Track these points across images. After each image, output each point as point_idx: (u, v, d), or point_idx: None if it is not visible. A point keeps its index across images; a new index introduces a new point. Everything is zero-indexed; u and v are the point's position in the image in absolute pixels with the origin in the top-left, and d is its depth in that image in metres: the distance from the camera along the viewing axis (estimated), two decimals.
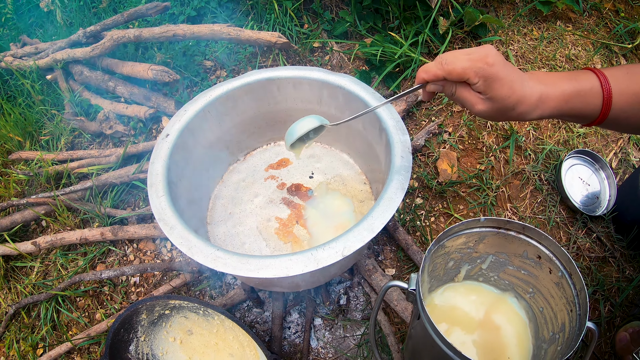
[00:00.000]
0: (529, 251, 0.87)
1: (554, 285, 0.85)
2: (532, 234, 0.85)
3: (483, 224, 0.87)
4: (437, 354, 0.74)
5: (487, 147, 1.45)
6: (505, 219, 0.85)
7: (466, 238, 0.89)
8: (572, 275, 0.79)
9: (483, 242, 0.91)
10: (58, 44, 1.69)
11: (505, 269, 0.96)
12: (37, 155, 1.58)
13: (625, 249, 1.37)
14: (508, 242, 0.89)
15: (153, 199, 0.98)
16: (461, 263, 0.98)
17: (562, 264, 0.81)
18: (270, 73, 1.23)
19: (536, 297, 0.92)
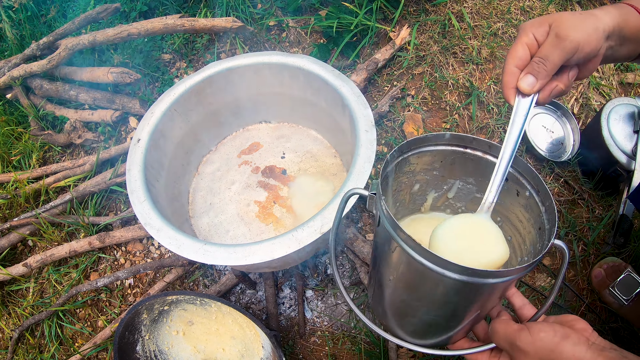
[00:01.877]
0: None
1: (522, 209, 0.84)
2: (496, 152, 0.80)
3: (448, 141, 0.84)
4: (401, 263, 0.72)
5: (451, 106, 1.55)
6: (471, 136, 0.83)
7: (431, 157, 0.87)
8: (539, 191, 0.77)
9: (450, 164, 0.88)
10: (13, 60, 1.72)
11: (473, 197, 0.93)
12: (12, 176, 1.64)
13: (592, 190, 1.50)
14: (474, 164, 0.86)
15: (136, 205, 1.07)
16: (427, 189, 0.95)
17: (529, 181, 0.79)
18: (229, 63, 1.31)
19: (505, 226, 0.90)
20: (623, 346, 0.76)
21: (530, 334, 0.69)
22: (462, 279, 0.65)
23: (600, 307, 1.36)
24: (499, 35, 1.66)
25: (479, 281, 0.66)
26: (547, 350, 0.67)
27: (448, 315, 0.78)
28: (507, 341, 0.72)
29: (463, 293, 0.70)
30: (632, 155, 1.40)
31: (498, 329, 0.74)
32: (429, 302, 0.76)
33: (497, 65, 1.61)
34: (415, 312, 0.81)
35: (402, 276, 0.76)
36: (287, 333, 1.36)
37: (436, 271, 0.66)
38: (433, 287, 0.71)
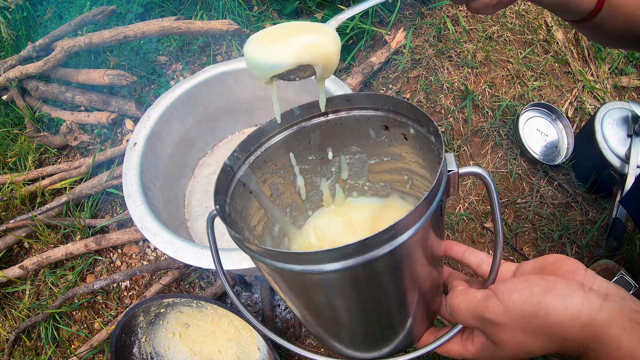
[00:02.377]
0: (373, 127, 0.73)
1: (415, 151, 0.72)
2: (362, 103, 0.70)
3: (303, 115, 0.73)
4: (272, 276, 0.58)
5: (445, 109, 1.57)
6: (313, 101, 0.71)
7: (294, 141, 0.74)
8: (419, 121, 0.65)
9: (321, 142, 0.76)
10: (8, 61, 1.74)
11: (369, 167, 0.81)
12: (8, 178, 1.66)
13: (586, 193, 1.52)
14: (346, 129, 0.74)
15: (133, 210, 1.09)
16: (315, 179, 0.82)
17: (407, 116, 0.68)
18: (225, 67, 1.33)
19: (415, 181, 0.78)
20: None
21: (499, 300, 0.52)
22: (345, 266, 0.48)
23: None
24: (494, 39, 1.68)
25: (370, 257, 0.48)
26: (529, 316, 0.50)
27: (382, 317, 0.62)
28: (474, 317, 0.55)
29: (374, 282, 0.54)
30: (625, 159, 1.43)
31: (457, 304, 0.57)
32: (354, 314, 0.61)
33: (492, 69, 1.64)
34: (341, 328, 0.67)
35: (294, 297, 0.62)
36: (282, 335, 1.38)
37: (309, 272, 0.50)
38: (327, 295, 0.56)
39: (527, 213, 1.46)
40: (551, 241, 1.44)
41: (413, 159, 0.74)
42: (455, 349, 0.63)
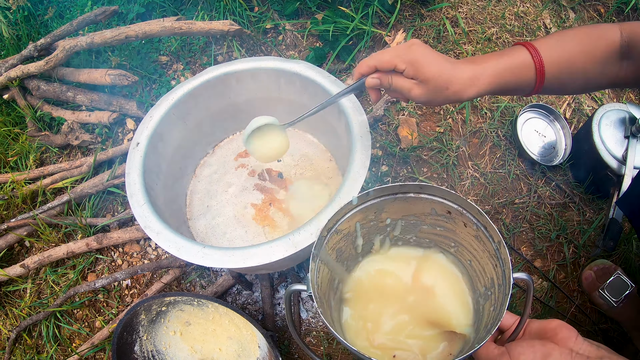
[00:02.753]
0: (437, 208, 0.87)
1: (473, 239, 0.85)
2: (432, 192, 0.85)
3: (375, 197, 0.87)
4: None
5: (445, 110, 1.60)
6: (397, 184, 0.85)
7: (362, 214, 0.89)
8: (487, 227, 0.79)
9: (384, 211, 0.90)
10: (10, 61, 1.75)
11: (420, 229, 0.95)
12: (9, 177, 1.68)
13: (583, 193, 1.55)
14: (410, 204, 0.88)
15: (136, 209, 1.11)
16: (370, 236, 0.96)
17: (474, 217, 0.81)
18: (227, 68, 1.35)
19: (461, 250, 0.91)
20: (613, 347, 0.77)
21: (510, 358, 0.71)
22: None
23: (591, 309, 1.41)
24: (493, 40, 1.71)
25: None
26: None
27: None
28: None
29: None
30: (622, 160, 1.45)
31: (480, 353, 0.75)
32: None
33: None
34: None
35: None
36: (282, 333, 1.40)
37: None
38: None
39: (524, 213, 1.49)
40: (548, 241, 1.46)
41: (467, 239, 0.87)
42: None
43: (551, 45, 0.88)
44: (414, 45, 0.86)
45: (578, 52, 0.88)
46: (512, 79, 0.87)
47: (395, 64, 0.86)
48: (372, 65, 0.90)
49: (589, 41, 0.88)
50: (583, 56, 0.88)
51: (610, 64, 0.89)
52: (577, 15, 1.83)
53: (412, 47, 0.85)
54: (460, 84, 0.84)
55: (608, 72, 0.90)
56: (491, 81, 0.85)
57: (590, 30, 0.91)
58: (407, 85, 0.87)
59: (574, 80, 0.91)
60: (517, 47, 0.90)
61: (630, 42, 0.87)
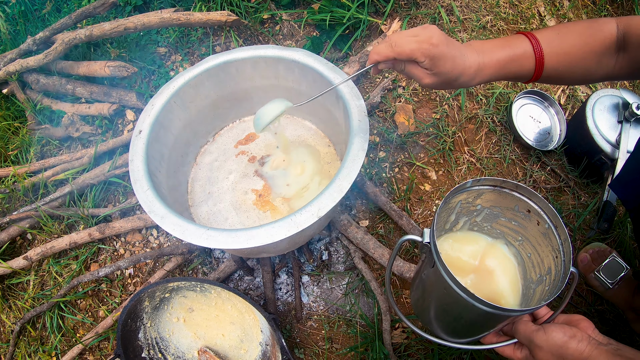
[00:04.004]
0: (520, 205, 1.02)
1: (540, 235, 1.00)
2: (523, 192, 0.99)
3: (482, 184, 1.02)
4: (450, 296, 0.89)
5: (440, 97, 1.65)
6: (501, 179, 0.99)
7: (467, 195, 1.04)
8: (557, 227, 0.95)
9: (481, 197, 1.05)
10: (8, 55, 1.79)
11: (498, 220, 1.10)
12: (11, 170, 1.72)
13: (578, 178, 1.60)
14: (502, 197, 1.03)
15: (140, 194, 1.15)
16: (460, 216, 1.13)
17: (549, 217, 0.97)
18: (227, 56, 1.39)
19: (524, 244, 1.08)
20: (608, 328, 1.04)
21: (545, 334, 0.88)
22: (493, 312, 0.85)
23: (587, 291, 1.46)
24: (487, 28, 1.76)
25: (505, 314, 0.86)
26: (557, 347, 0.86)
27: (483, 328, 0.98)
28: (527, 338, 0.90)
29: (492, 318, 0.90)
30: (616, 144, 1.50)
31: (520, 328, 0.93)
32: (465, 320, 0.96)
33: None
34: (454, 323, 1.01)
35: (446, 304, 0.96)
36: (284, 318, 1.45)
37: (473, 304, 0.85)
38: (470, 313, 0.90)
39: None
40: None
41: (534, 235, 1.03)
42: (508, 352, 0.97)
43: (551, 37, 0.96)
44: (435, 38, 0.89)
45: (577, 45, 0.96)
46: (513, 68, 0.97)
47: (416, 57, 0.90)
48: (390, 56, 0.93)
49: (588, 34, 0.96)
50: (582, 48, 0.96)
51: (607, 57, 0.96)
52: (571, 4, 1.88)
53: (433, 40, 0.89)
54: (468, 75, 0.94)
55: (604, 65, 0.97)
56: (494, 72, 0.95)
57: (589, 23, 0.98)
58: (420, 74, 0.94)
59: (572, 72, 0.99)
60: (519, 36, 0.97)
61: (625, 34, 0.94)
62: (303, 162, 1.47)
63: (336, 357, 1.39)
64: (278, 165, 1.47)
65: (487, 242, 1.16)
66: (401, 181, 1.56)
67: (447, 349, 1.34)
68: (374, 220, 1.52)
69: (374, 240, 1.39)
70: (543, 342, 0.88)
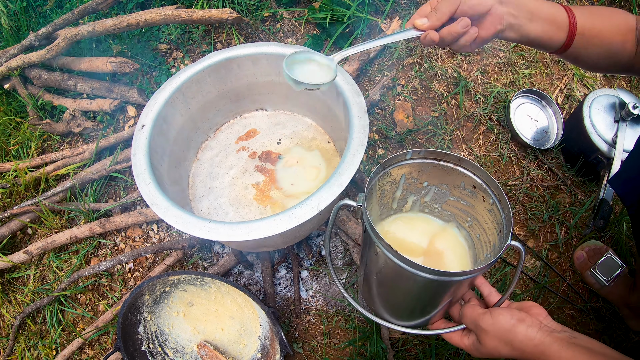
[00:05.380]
0: (465, 182, 1.02)
1: (487, 213, 1.00)
2: (467, 166, 0.99)
3: (424, 156, 1.01)
4: (383, 264, 0.88)
5: (439, 95, 1.68)
6: (443, 151, 1.00)
7: (410, 168, 1.04)
8: (500, 200, 0.95)
9: (426, 173, 1.05)
10: (10, 51, 1.82)
11: (447, 200, 1.10)
12: (12, 165, 1.74)
13: (574, 176, 1.63)
14: (447, 173, 1.03)
15: (142, 187, 1.17)
16: (407, 194, 1.12)
17: (492, 191, 0.96)
18: (229, 53, 1.42)
19: (474, 225, 1.08)
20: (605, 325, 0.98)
21: (491, 317, 0.86)
22: (433, 278, 0.82)
23: (582, 288, 1.49)
24: None
25: (446, 279, 0.84)
26: (504, 331, 0.83)
27: (424, 304, 0.95)
28: (473, 322, 0.89)
29: (434, 287, 0.87)
30: (612, 143, 1.53)
31: (466, 312, 0.91)
32: (407, 294, 0.94)
33: (484, 57, 1.74)
34: (397, 301, 1.00)
35: (384, 274, 0.93)
36: (283, 312, 1.48)
37: (410, 271, 0.83)
38: (409, 283, 0.88)
39: (517, 195, 1.57)
40: (541, 222, 1.54)
41: (481, 212, 1.03)
42: (455, 339, 0.96)
43: (581, 11, 0.96)
44: None
45: (605, 21, 0.97)
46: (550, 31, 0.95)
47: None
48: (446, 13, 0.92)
49: (615, 16, 0.97)
50: (608, 25, 0.96)
51: (630, 42, 0.97)
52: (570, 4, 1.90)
53: None
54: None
55: (628, 50, 0.98)
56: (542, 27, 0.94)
57: (614, 9, 1.00)
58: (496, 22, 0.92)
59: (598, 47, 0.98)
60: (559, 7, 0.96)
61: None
62: (318, 168, 1.48)
63: (334, 352, 1.42)
64: (292, 164, 1.49)
65: (439, 225, 1.16)
66: None
67: (444, 344, 1.36)
68: None
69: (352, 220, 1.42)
70: (489, 325, 0.85)
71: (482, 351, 0.88)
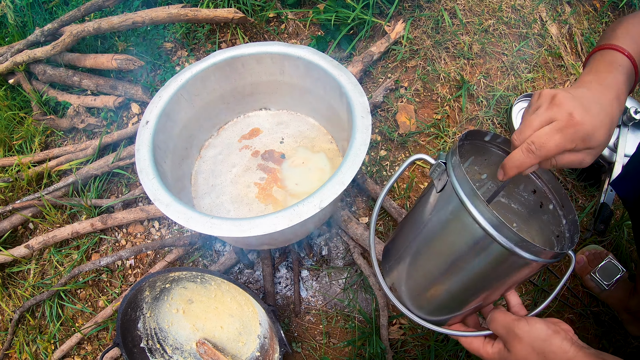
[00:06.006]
0: (527, 183, 0.95)
1: (541, 216, 0.95)
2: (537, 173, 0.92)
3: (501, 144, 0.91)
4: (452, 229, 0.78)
5: (442, 98, 1.69)
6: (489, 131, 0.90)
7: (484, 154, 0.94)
8: (564, 207, 0.89)
9: (490, 164, 0.96)
10: (16, 46, 1.83)
11: (497, 200, 1.02)
12: (15, 160, 1.75)
13: (576, 181, 1.63)
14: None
15: (145, 182, 1.18)
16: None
17: (555, 197, 0.91)
18: (234, 52, 1.43)
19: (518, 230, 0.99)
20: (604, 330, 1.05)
21: (527, 324, 0.82)
22: (512, 249, 0.73)
23: (582, 292, 1.49)
24: (489, 31, 1.80)
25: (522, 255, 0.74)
26: (540, 340, 0.80)
27: (466, 288, 0.85)
28: (505, 327, 0.83)
29: (500, 264, 0.78)
30: (613, 148, 1.54)
31: (497, 316, 0.86)
32: (458, 271, 0.83)
33: (487, 61, 1.75)
34: (434, 282, 0.88)
35: (441, 242, 0.83)
36: (282, 312, 1.48)
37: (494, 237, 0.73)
38: (476, 254, 0.78)
39: None
40: None
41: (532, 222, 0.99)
42: (475, 345, 0.89)
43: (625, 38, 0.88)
44: (576, 115, 0.74)
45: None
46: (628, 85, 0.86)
47: (565, 148, 0.76)
48: (535, 164, 0.78)
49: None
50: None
51: None
52: (573, 9, 1.92)
53: (575, 118, 0.74)
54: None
55: None
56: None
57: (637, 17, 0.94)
58: (578, 159, 0.79)
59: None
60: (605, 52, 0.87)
61: None
62: (323, 169, 1.47)
63: (333, 351, 1.42)
64: (297, 165, 1.50)
65: None
66: (401, 179, 1.60)
67: (443, 345, 1.37)
68: None
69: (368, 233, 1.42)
70: (525, 332, 0.81)
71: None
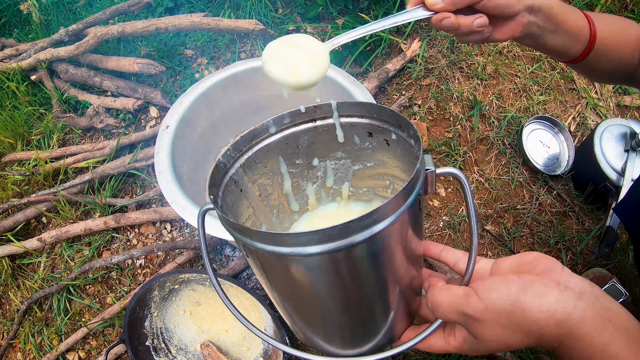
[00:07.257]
0: (358, 132, 0.78)
1: (397, 157, 0.78)
2: (346, 110, 0.76)
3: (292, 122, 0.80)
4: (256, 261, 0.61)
5: (454, 117, 1.72)
6: (311, 106, 0.76)
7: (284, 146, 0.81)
8: (401, 126, 0.70)
9: (309, 147, 0.81)
10: (39, 44, 1.88)
11: (353, 172, 0.86)
12: (33, 154, 1.79)
13: (583, 203, 1.66)
14: (332, 135, 0.79)
15: (163, 185, 1.22)
16: (302, 183, 0.86)
17: (388, 122, 0.74)
18: (254, 63, 1.47)
19: (395, 185, 0.84)
20: None
21: (480, 298, 0.57)
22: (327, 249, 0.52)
23: None
24: (504, 53, 1.83)
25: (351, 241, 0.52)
26: (507, 314, 0.55)
27: (359, 306, 0.64)
28: (456, 312, 0.59)
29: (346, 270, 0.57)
30: (621, 172, 1.56)
31: (438, 299, 0.61)
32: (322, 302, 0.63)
33: (500, 82, 1.78)
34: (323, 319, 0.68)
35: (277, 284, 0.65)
36: None
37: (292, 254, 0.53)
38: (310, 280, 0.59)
39: (525, 219, 1.60)
40: (547, 247, 1.57)
41: (395, 163, 0.80)
42: (438, 344, 0.67)
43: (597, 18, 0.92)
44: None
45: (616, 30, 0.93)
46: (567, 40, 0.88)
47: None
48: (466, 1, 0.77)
49: (623, 24, 0.96)
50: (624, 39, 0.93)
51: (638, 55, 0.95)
52: None
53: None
54: None
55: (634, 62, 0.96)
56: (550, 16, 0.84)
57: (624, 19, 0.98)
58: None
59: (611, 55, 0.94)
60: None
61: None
62: None
63: None
64: None
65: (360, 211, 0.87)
66: None
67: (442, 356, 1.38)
68: None
69: None
70: (481, 312, 0.56)
71: (482, 348, 0.61)
